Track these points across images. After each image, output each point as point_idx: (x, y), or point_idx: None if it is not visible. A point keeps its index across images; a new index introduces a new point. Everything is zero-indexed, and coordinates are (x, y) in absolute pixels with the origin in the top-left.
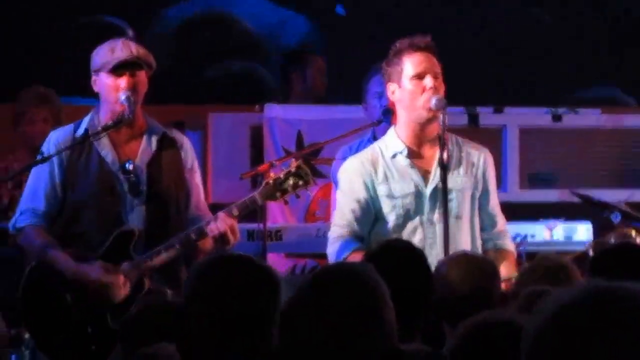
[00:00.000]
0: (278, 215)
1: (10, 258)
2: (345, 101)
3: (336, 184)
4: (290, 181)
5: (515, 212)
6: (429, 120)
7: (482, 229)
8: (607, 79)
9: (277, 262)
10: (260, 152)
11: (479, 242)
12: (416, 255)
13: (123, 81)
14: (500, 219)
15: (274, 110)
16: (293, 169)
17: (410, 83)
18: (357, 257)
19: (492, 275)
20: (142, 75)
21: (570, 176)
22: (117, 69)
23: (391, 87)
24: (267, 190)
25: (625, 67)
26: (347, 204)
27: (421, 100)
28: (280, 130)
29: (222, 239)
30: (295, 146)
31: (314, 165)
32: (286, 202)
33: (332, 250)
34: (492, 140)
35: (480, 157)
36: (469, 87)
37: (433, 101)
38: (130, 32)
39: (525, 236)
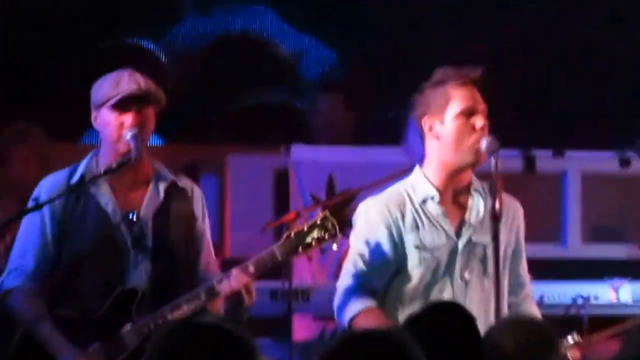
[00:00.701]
0: (305, 273)
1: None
2: (381, 142)
3: None
4: (315, 234)
5: (576, 269)
6: (473, 165)
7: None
8: None
9: (304, 325)
10: (285, 200)
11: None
12: (468, 321)
13: (128, 118)
14: (527, 280)
15: (302, 152)
16: (318, 221)
17: (457, 120)
18: (369, 319)
19: (553, 343)
20: (150, 112)
21: (639, 230)
22: (122, 104)
23: (429, 121)
24: (287, 244)
25: None
26: (363, 251)
27: (469, 141)
28: (309, 174)
29: (235, 299)
30: (325, 193)
31: (346, 215)
32: (310, 258)
33: (339, 305)
34: (551, 187)
35: (515, 208)
36: (524, 127)
37: (484, 143)
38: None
39: (588, 297)
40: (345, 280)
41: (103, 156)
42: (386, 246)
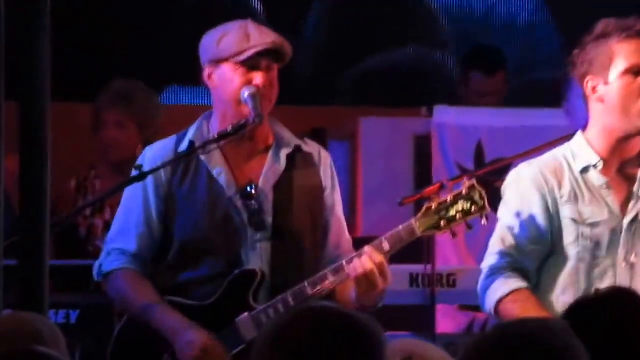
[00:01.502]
0: (451, 254)
1: (94, 306)
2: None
3: None
4: (460, 206)
5: None
6: None
7: None
8: None
9: (449, 315)
10: (426, 170)
11: None
12: None
13: (258, 77)
14: None
15: (447, 115)
16: (463, 191)
17: (623, 80)
18: (518, 303)
19: None
20: (277, 70)
21: None
22: (254, 61)
23: (592, 82)
24: (428, 217)
25: None
26: (513, 225)
27: (639, 104)
28: (454, 140)
29: (367, 281)
30: (473, 162)
31: (497, 187)
32: (454, 235)
33: (483, 286)
34: None
35: None
36: None
37: None
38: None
39: None
40: (491, 258)
41: (216, 120)
42: (540, 219)
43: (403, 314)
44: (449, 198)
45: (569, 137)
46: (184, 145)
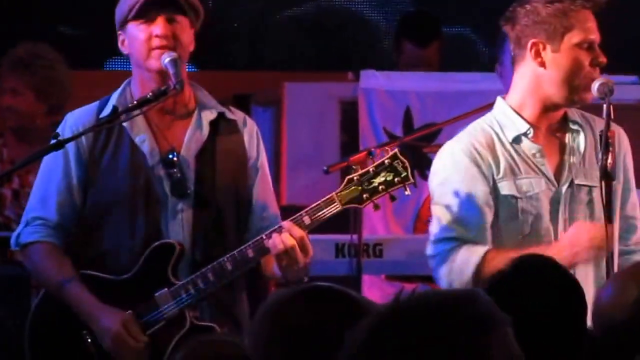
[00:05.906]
0: (378, 224)
1: (9, 276)
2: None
3: None
4: (382, 177)
5: None
6: (576, 105)
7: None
8: None
9: (376, 286)
10: (353, 136)
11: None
12: (565, 277)
13: (157, 27)
14: (639, 223)
15: (374, 79)
16: (386, 161)
17: (575, 51)
18: (499, 259)
19: None
20: (185, 23)
21: None
22: (148, 12)
23: (536, 46)
24: (349, 190)
25: None
26: (455, 200)
27: (583, 80)
28: (382, 106)
29: (288, 257)
30: (402, 128)
31: (426, 154)
32: (376, 207)
33: (459, 263)
34: None
35: (619, 137)
36: None
37: (596, 85)
38: None
39: None
40: (440, 234)
41: (136, 84)
42: (483, 193)
43: None
44: (371, 169)
45: None
46: (106, 111)
